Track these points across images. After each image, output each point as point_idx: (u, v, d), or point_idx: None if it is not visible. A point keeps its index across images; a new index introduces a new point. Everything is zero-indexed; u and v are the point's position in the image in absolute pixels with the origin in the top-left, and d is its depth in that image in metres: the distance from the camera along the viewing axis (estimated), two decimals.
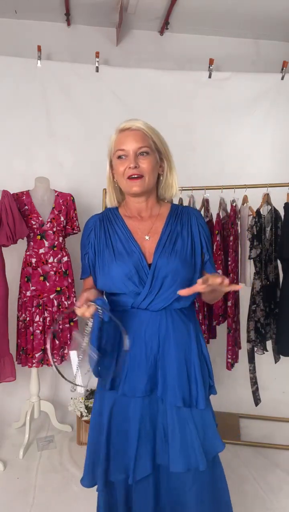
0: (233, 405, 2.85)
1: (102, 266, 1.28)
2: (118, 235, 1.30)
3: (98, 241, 1.31)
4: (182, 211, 1.36)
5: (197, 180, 2.67)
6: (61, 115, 2.87)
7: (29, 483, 2.12)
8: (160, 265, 1.23)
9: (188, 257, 1.27)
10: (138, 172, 1.24)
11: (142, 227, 1.31)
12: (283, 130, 3.04)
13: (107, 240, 1.30)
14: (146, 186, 1.27)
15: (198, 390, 1.24)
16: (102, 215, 1.37)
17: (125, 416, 1.24)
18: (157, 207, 1.35)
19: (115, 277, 1.24)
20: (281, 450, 2.42)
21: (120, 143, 1.26)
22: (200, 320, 2.43)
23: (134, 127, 1.25)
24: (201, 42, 3.12)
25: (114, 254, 1.26)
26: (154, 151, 1.28)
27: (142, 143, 1.24)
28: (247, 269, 2.41)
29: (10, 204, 2.23)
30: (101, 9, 2.82)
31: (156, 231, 1.30)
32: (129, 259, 1.24)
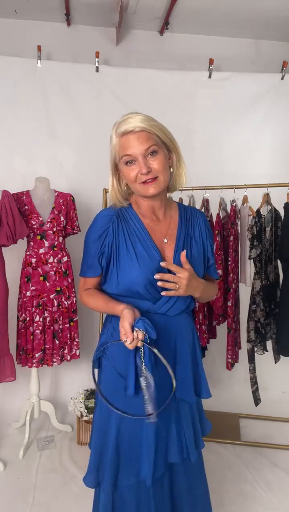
0: (233, 405, 2.85)
1: (120, 269, 1.21)
2: (137, 236, 1.23)
3: (116, 240, 1.23)
4: (190, 213, 1.34)
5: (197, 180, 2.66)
6: (61, 115, 2.87)
7: (29, 483, 2.12)
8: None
9: (201, 262, 1.28)
10: (152, 175, 1.18)
11: (160, 229, 1.27)
12: (283, 130, 3.04)
13: (127, 241, 1.22)
14: (162, 185, 1.21)
15: (202, 383, 1.32)
16: (117, 212, 1.28)
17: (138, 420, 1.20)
18: (168, 206, 1.32)
19: (136, 282, 1.19)
20: (281, 450, 2.42)
21: (125, 148, 1.19)
22: (200, 320, 2.43)
23: (137, 128, 1.17)
24: (201, 42, 3.12)
25: (137, 258, 1.20)
26: (162, 146, 1.21)
27: (149, 143, 1.17)
28: (247, 269, 2.41)
29: (10, 204, 2.23)
30: (101, 9, 2.82)
31: (172, 234, 1.27)
32: (151, 264, 1.19)
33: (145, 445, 1.22)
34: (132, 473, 1.24)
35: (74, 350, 2.48)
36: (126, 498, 1.26)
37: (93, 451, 1.29)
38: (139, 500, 1.26)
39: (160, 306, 1.22)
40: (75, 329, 2.48)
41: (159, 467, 1.23)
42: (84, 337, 2.67)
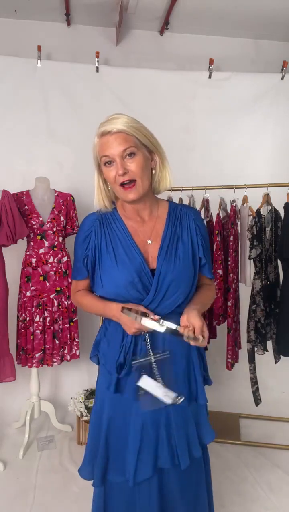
0: (233, 405, 2.85)
1: (103, 272, 1.23)
2: (119, 238, 1.24)
3: (98, 243, 1.25)
4: (180, 211, 1.31)
5: (197, 180, 2.67)
6: (61, 115, 2.87)
7: (29, 483, 2.12)
8: (164, 271, 1.20)
9: (189, 262, 1.24)
10: (129, 177, 1.17)
11: (144, 230, 1.27)
12: (283, 130, 3.04)
13: (108, 244, 1.24)
14: (142, 190, 1.20)
15: (198, 387, 1.26)
16: (100, 215, 1.29)
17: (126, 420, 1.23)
18: (155, 206, 1.30)
19: (118, 284, 1.20)
20: (281, 450, 2.42)
21: (103, 149, 1.18)
22: None
23: (115, 129, 1.16)
24: (201, 42, 3.12)
25: (116, 260, 1.21)
26: (141, 148, 1.20)
27: (126, 144, 1.16)
28: (247, 269, 2.41)
29: (10, 204, 2.23)
30: (101, 9, 2.82)
31: (157, 234, 1.26)
32: (131, 266, 1.20)
33: (130, 446, 1.23)
34: (119, 471, 1.25)
35: (74, 350, 2.48)
36: (115, 494, 1.28)
37: (89, 444, 1.32)
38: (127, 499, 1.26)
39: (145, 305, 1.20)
40: (75, 329, 2.48)
41: (144, 471, 1.21)
42: (84, 337, 2.67)
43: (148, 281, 1.20)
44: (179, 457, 1.22)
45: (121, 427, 1.24)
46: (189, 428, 1.25)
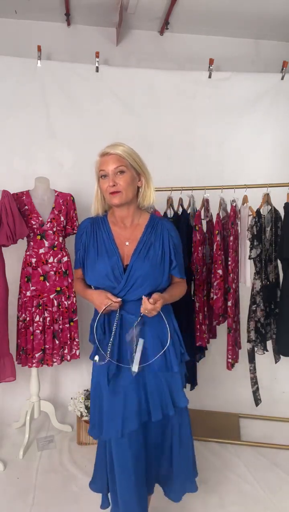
0: (233, 405, 2.85)
1: (88, 262, 1.58)
2: (103, 238, 1.59)
3: (88, 241, 1.61)
4: (157, 223, 1.63)
5: (197, 180, 2.67)
6: (61, 115, 2.88)
7: (29, 483, 2.12)
8: (135, 267, 1.52)
9: (157, 263, 1.55)
10: (116, 189, 1.52)
11: (124, 234, 1.60)
12: (283, 130, 3.04)
13: (94, 242, 1.59)
14: (124, 199, 1.54)
15: (172, 358, 1.56)
16: (93, 220, 1.65)
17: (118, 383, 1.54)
18: (137, 216, 1.63)
19: (97, 273, 1.55)
20: (281, 450, 2.42)
21: (101, 165, 1.55)
22: (200, 320, 2.43)
23: (113, 151, 1.53)
24: (201, 42, 3.12)
25: (98, 255, 1.57)
26: (130, 169, 1.55)
27: (118, 163, 1.52)
28: (247, 269, 2.41)
29: (10, 204, 2.23)
30: (101, 9, 2.82)
31: (135, 239, 1.58)
32: (108, 260, 1.54)
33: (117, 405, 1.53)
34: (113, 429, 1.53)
35: (74, 350, 2.48)
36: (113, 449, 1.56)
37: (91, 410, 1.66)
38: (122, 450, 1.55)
39: (116, 293, 1.52)
40: (75, 329, 2.48)
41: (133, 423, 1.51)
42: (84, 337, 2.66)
43: (119, 274, 1.53)
44: (151, 411, 1.54)
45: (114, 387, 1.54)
46: (161, 391, 1.56)
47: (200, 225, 2.37)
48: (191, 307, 2.43)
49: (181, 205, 2.53)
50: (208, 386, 2.93)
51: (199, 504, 1.98)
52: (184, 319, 2.42)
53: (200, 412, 2.84)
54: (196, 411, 2.85)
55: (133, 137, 2.91)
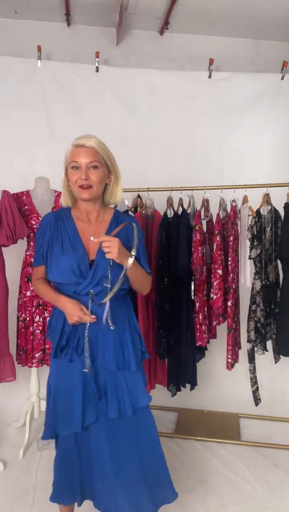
0: (233, 405, 2.85)
1: (52, 258, 1.53)
2: (68, 233, 1.55)
3: (51, 235, 1.56)
4: (122, 219, 1.61)
5: (197, 180, 2.67)
6: (61, 115, 2.87)
7: (29, 483, 2.12)
8: (101, 262, 1.49)
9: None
10: (88, 183, 1.49)
11: (89, 229, 1.57)
12: (283, 130, 3.03)
13: (59, 236, 1.55)
14: (94, 194, 1.52)
15: (130, 356, 1.54)
16: (57, 214, 1.62)
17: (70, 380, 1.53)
18: (102, 211, 1.61)
19: (62, 269, 1.50)
20: (281, 450, 2.42)
21: (75, 156, 1.50)
22: (200, 320, 2.43)
23: (88, 144, 1.49)
24: (201, 42, 3.12)
25: (63, 250, 1.52)
26: (103, 165, 1.52)
27: (93, 158, 1.48)
28: (247, 269, 2.41)
29: (10, 204, 2.23)
30: (101, 9, 2.82)
31: (99, 234, 1.53)
32: (74, 255, 1.50)
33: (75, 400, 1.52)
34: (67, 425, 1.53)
35: None
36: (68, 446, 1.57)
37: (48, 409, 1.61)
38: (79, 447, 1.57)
39: (81, 289, 1.50)
40: None
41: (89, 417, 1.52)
42: None
43: (85, 269, 1.50)
44: (108, 409, 1.52)
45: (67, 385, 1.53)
46: (118, 389, 1.53)
47: (200, 225, 2.37)
48: (191, 307, 2.43)
49: (181, 205, 2.53)
50: (208, 386, 2.93)
51: (199, 504, 1.98)
52: (184, 319, 2.43)
53: (200, 412, 2.85)
54: (196, 411, 2.86)
55: (134, 137, 2.93)
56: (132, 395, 1.56)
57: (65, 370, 1.55)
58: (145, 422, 1.61)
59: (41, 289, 1.62)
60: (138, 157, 2.91)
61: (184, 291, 2.42)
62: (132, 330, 1.60)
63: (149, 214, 2.52)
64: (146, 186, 2.47)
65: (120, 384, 1.54)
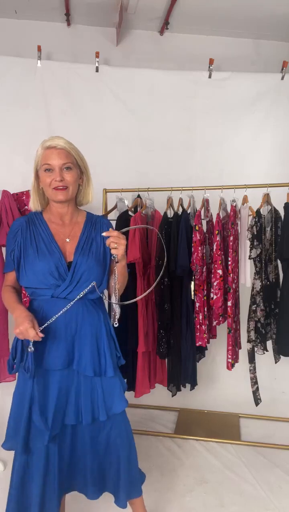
0: (233, 405, 2.85)
1: (27, 263, 1.49)
2: (42, 236, 1.52)
3: (24, 240, 1.52)
4: (96, 220, 1.63)
5: (197, 180, 2.68)
6: (61, 115, 2.87)
7: None
8: (79, 263, 1.49)
9: (100, 258, 1.55)
10: (64, 184, 1.48)
11: (63, 231, 1.56)
12: (283, 130, 3.03)
13: (32, 241, 1.52)
14: (70, 195, 1.52)
15: (107, 362, 1.52)
16: (27, 218, 1.58)
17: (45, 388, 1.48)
18: (75, 213, 1.61)
19: (38, 273, 1.46)
20: (281, 450, 2.42)
21: (47, 158, 1.48)
22: (200, 320, 2.43)
23: (59, 146, 1.49)
24: (201, 42, 3.12)
25: (38, 253, 1.48)
26: (76, 167, 1.52)
27: (67, 160, 1.48)
28: (247, 269, 2.41)
29: (10, 204, 2.23)
30: (101, 9, 2.82)
31: (74, 235, 1.56)
32: (51, 258, 1.48)
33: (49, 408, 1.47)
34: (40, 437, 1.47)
35: None
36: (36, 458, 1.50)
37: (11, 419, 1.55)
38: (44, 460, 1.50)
39: (59, 292, 1.47)
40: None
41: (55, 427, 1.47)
42: None
43: (64, 271, 1.48)
44: (83, 415, 1.49)
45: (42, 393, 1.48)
46: (94, 394, 1.51)
47: (200, 225, 2.37)
48: (191, 307, 2.43)
49: (181, 205, 2.53)
50: (208, 386, 2.93)
51: (199, 504, 1.98)
52: (184, 319, 2.43)
53: (200, 412, 2.85)
54: (196, 411, 2.86)
55: (134, 137, 2.93)
56: (107, 401, 1.53)
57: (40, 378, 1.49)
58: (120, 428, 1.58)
59: (5, 297, 1.55)
60: (138, 157, 2.91)
61: (184, 291, 2.43)
62: (108, 335, 1.56)
63: (149, 214, 2.52)
64: (145, 186, 2.47)
65: (96, 390, 1.52)
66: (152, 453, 2.38)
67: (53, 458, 1.51)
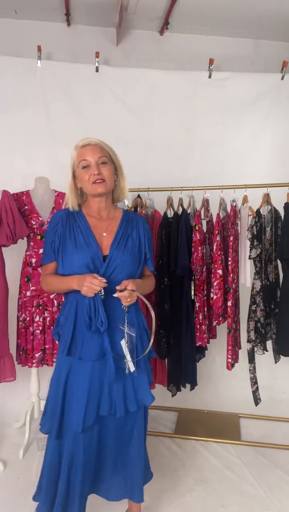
0: (233, 405, 2.86)
1: (64, 254, 1.56)
2: (80, 229, 1.59)
3: (63, 232, 1.58)
4: (132, 217, 1.69)
5: (197, 180, 2.68)
6: (61, 115, 2.87)
7: (29, 483, 2.11)
8: (114, 256, 1.55)
9: (135, 253, 1.61)
10: (101, 177, 1.54)
11: (101, 225, 1.62)
12: (283, 130, 3.04)
13: (71, 233, 1.58)
14: (108, 188, 1.58)
15: (138, 355, 1.55)
16: (68, 211, 1.64)
17: (78, 377, 1.55)
18: (112, 209, 1.67)
19: (75, 264, 1.53)
20: (281, 450, 2.42)
21: (83, 155, 1.56)
22: (200, 320, 2.43)
23: (93, 142, 1.57)
24: (201, 42, 3.12)
25: (76, 246, 1.55)
26: (110, 161, 1.59)
27: (102, 154, 1.56)
28: (247, 269, 2.41)
29: (10, 204, 2.23)
30: (101, 9, 2.82)
31: (111, 230, 1.61)
32: (87, 250, 1.54)
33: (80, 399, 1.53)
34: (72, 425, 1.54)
35: None
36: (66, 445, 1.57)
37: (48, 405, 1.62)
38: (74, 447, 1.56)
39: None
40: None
41: (89, 418, 1.53)
42: None
43: (99, 263, 1.54)
44: (116, 407, 1.54)
45: (75, 382, 1.55)
46: (126, 387, 1.57)
47: (200, 225, 2.37)
48: (191, 307, 2.43)
49: (181, 205, 2.53)
50: (208, 386, 2.93)
51: (199, 504, 1.98)
52: (184, 319, 2.43)
53: (200, 412, 2.85)
54: (196, 411, 2.86)
55: (134, 137, 2.93)
56: (137, 393, 1.59)
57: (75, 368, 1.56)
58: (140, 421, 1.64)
59: (50, 280, 1.61)
60: (138, 157, 2.91)
61: (184, 291, 2.43)
62: (141, 328, 1.63)
63: (149, 214, 2.52)
64: (145, 186, 2.47)
65: (127, 382, 1.57)
66: (152, 453, 2.37)
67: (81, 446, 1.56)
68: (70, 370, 1.56)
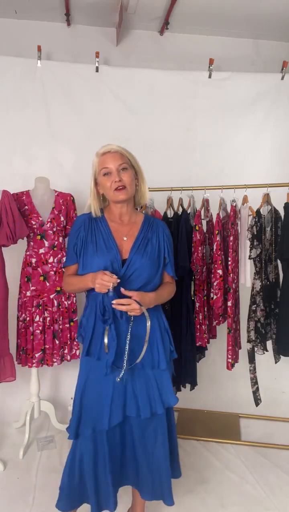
0: (233, 405, 2.86)
1: (85, 256, 1.60)
2: (101, 233, 1.62)
3: (86, 235, 1.63)
4: (153, 222, 1.71)
5: (197, 180, 2.68)
6: (61, 115, 2.87)
7: (29, 483, 2.12)
8: (133, 260, 1.57)
9: (154, 258, 1.63)
10: (122, 184, 1.57)
11: (122, 230, 1.65)
12: (283, 130, 3.04)
13: (93, 236, 1.62)
14: (129, 194, 1.61)
15: (160, 355, 1.59)
16: (90, 215, 1.68)
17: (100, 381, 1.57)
18: (134, 214, 1.70)
19: (95, 267, 1.55)
20: (281, 450, 2.42)
21: (104, 163, 1.59)
22: (200, 320, 2.43)
23: (113, 149, 1.60)
24: (201, 42, 3.12)
25: (97, 249, 1.59)
26: (131, 167, 1.62)
27: (122, 160, 1.59)
28: (247, 269, 2.41)
29: (10, 204, 2.23)
30: (101, 9, 2.82)
31: (132, 235, 1.64)
32: (107, 254, 1.57)
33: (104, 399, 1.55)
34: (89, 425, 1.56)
35: (74, 350, 2.48)
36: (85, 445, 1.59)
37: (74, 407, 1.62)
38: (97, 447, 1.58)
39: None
40: (75, 329, 2.48)
41: (116, 417, 1.55)
42: None
43: (118, 267, 1.56)
44: (140, 408, 1.56)
45: (95, 386, 1.58)
46: (149, 387, 1.59)
47: (200, 225, 2.37)
48: (191, 307, 2.43)
49: (181, 205, 2.53)
50: (208, 386, 2.93)
51: (199, 504, 1.98)
52: (184, 319, 2.43)
53: (200, 412, 2.85)
54: (196, 411, 2.86)
55: (134, 137, 2.92)
56: (162, 394, 1.60)
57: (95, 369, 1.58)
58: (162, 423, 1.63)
59: (71, 280, 1.65)
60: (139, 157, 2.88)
61: (184, 291, 2.43)
62: (162, 329, 1.64)
63: (149, 214, 2.52)
64: None
65: (150, 382, 1.59)
66: None
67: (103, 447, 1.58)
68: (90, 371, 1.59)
